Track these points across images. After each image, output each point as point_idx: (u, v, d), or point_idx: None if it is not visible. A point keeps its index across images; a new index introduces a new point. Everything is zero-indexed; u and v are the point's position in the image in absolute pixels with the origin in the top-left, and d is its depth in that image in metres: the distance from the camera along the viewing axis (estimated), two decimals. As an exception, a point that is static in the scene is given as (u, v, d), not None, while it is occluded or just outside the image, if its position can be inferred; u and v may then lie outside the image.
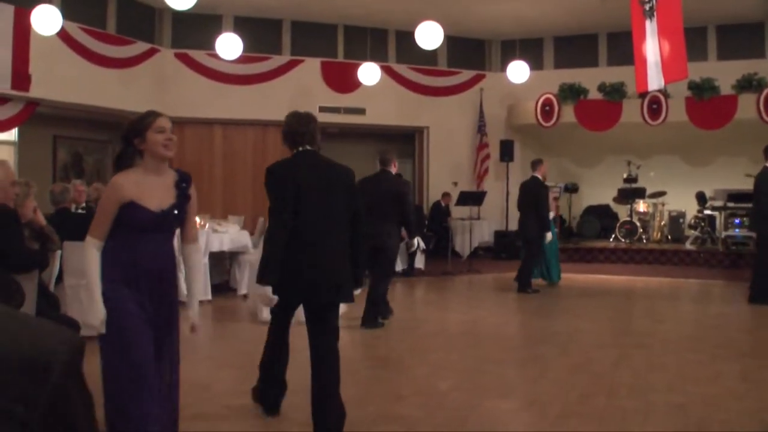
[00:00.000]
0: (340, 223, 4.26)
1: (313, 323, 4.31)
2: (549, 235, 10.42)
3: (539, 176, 10.62)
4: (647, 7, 6.56)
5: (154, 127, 3.48)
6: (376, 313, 7.88)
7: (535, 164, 10.75)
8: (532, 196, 10.46)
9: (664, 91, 14.33)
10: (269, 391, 4.69)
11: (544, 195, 10.55)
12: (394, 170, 8.16)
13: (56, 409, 0.89)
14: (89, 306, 3.37)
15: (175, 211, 3.52)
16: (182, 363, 3.67)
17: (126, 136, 3.56)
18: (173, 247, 3.66)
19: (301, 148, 4.39)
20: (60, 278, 6.66)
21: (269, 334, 4.75)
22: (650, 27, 6.61)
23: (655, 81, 6.69)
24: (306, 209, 4.17)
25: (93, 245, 3.41)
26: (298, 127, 4.40)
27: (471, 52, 16.99)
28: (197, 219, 6.99)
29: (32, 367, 0.88)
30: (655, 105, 14.72)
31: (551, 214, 11.03)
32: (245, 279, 9.97)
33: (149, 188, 3.48)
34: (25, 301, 4.53)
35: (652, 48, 6.62)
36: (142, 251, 3.43)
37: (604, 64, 16.24)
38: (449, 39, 14.79)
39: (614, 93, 15.02)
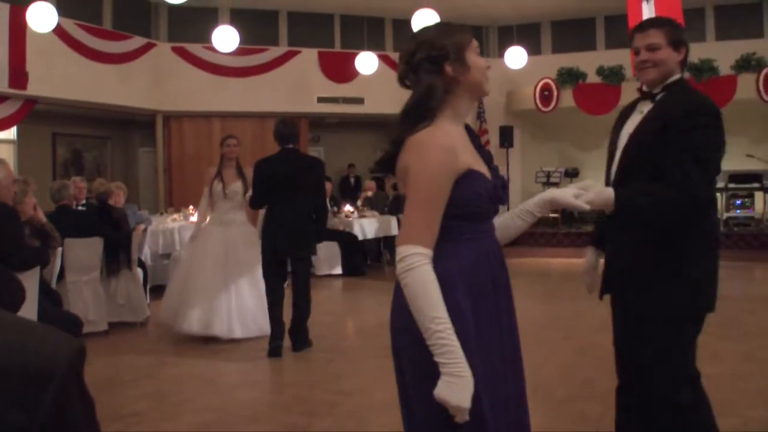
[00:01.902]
0: (306, 199, 6.15)
1: (292, 269, 6.27)
2: None
3: None
4: (644, -11, 6.56)
5: (474, 46, 2.20)
6: None
7: None
8: None
9: (662, 73, 14.30)
10: (274, 330, 6.13)
11: None
12: None
13: (58, 416, 0.89)
14: (453, 379, 1.85)
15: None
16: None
17: (432, 58, 2.13)
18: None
19: (286, 146, 6.27)
20: (61, 275, 6.66)
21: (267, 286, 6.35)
22: (648, 9, 6.59)
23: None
24: (280, 190, 6.10)
25: (425, 261, 1.94)
26: (284, 130, 6.29)
27: (468, 39, 16.93)
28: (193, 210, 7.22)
29: (34, 375, 0.88)
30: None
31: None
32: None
33: (470, 148, 2.20)
34: (26, 298, 4.54)
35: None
36: (487, 250, 2.16)
37: (602, 47, 16.19)
38: (446, 26, 14.74)
39: (613, 76, 14.97)
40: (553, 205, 2.45)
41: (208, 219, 7.21)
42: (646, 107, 2.98)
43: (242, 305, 6.75)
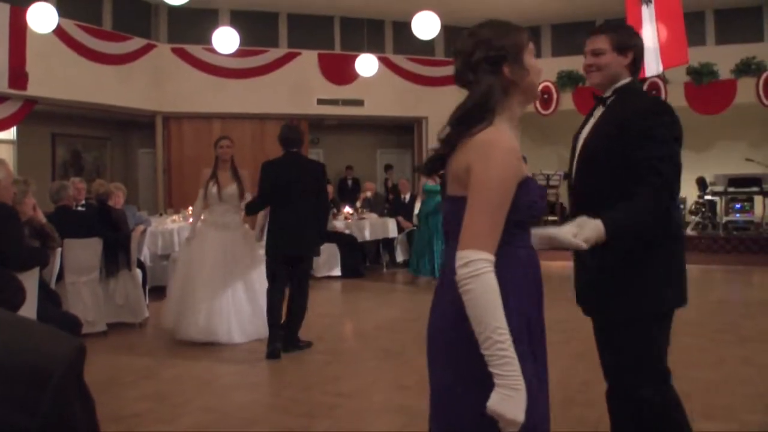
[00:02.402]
0: (309, 201, 6.28)
1: (292, 269, 6.41)
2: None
3: None
4: (643, -8, 6.55)
5: (530, 49, 2.13)
6: None
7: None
8: None
9: (662, 77, 14.30)
10: (272, 332, 6.17)
11: None
12: None
13: (58, 416, 0.88)
14: (509, 392, 1.80)
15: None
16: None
17: (490, 59, 2.07)
18: None
19: (291, 150, 6.45)
20: (61, 275, 6.66)
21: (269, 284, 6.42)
22: (648, 12, 6.59)
23: (653, 67, 6.67)
24: (284, 192, 6.27)
25: (490, 267, 1.87)
26: (290, 135, 6.47)
27: (468, 42, 16.92)
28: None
29: (33, 375, 0.88)
30: (654, 91, 14.67)
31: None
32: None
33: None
34: (26, 299, 4.54)
35: (650, 34, 6.59)
36: (537, 258, 2.15)
37: (602, 50, 16.18)
38: (446, 28, 14.71)
39: (612, 80, 14.98)
40: (551, 243, 2.45)
41: (202, 219, 7.14)
42: (598, 112, 3.05)
43: (240, 309, 6.74)
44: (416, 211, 11.26)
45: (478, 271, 1.85)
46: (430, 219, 10.19)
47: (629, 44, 2.99)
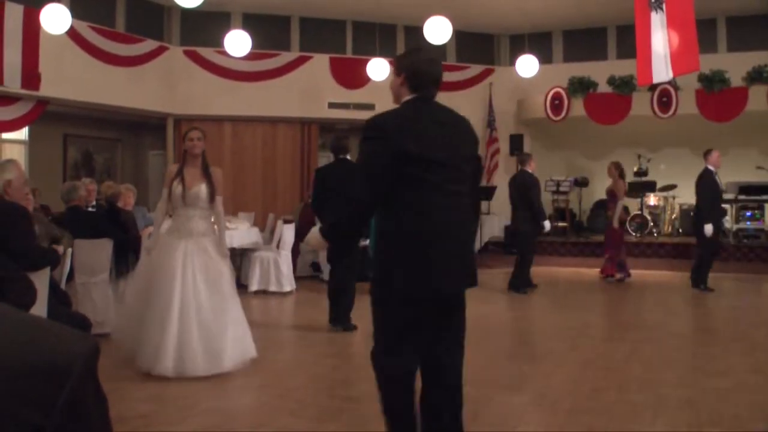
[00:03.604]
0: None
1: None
2: (547, 225, 10.48)
3: (529, 170, 10.59)
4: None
5: None
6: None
7: (525, 159, 10.74)
8: (523, 190, 10.45)
9: (673, 84, 14.27)
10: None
11: (537, 187, 10.56)
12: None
13: (73, 414, 0.90)
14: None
15: None
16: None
17: None
18: None
19: (339, 156, 7.20)
20: (71, 276, 6.69)
21: None
22: (658, 19, 6.57)
23: (662, 73, 6.65)
24: (332, 192, 6.78)
25: None
26: (337, 143, 7.39)
27: (480, 47, 16.94)
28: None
29: (50, 373, 0.89)
30: (665, 98, 14.65)
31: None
32: (256, 275, 10.00)
33: None
34: (37, 298, 4.56)
35: (661, 40, 6.58)
36: None
37: (613, 57, 16.16)
38: (458, 33, 14.75)
39: (624, 86, 14.96)
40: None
41: (165, 227, 6.06)
42: None
43: (219, 333, 5.58)
44: None
45: None
46: None
47: (399, 66, 3.51)
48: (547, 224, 10.42)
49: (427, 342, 3.36)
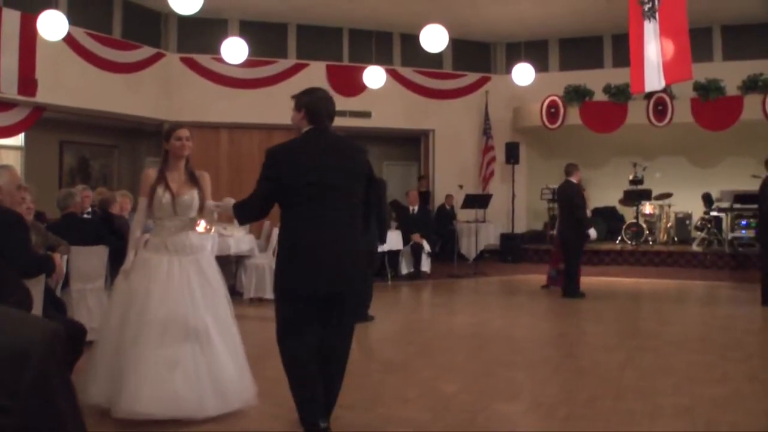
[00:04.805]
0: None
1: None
2: (593, 233, 10.53)
3: (574, 180, 10.62)
4: (646, 7, 6.55)
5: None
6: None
7: (570, 169, 10.74)
8: (567, 199, 10.52)
9: (669, 92, 14.31)
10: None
11: (581, 195, 10.59)
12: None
13: (38, 396, 0.90)
14: None
15: None
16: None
17: None
18: None
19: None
20: (66, 283, 6.67)
21: None
22: (651, 27, 6.58)
23: (655, 81, 6.65)
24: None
25: None
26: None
27: (476, 55, 16.99)
28: (203, 222, 6.41)
29: (12, 357, 0.89)
30: (660, 106, 14.69)
31: None
32: (252, 283, 9.98)
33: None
34: (33, 305, 4.54)
35: (654, 48, 6.59)
36: None
37: (609, 65, 16.22)
38: (454, 42, 14.77)
39: (620, 94, 15.00)
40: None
41: (145, 243, 4.97)
42: None
43: (214, 368, 4.66)
44: None
45: None
46: None
47: (299, 103, 4.26)
48: (592, 232, 10.46)
49: (318, 328, 4.20)
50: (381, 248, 12.09)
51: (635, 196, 15.33)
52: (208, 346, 4.64)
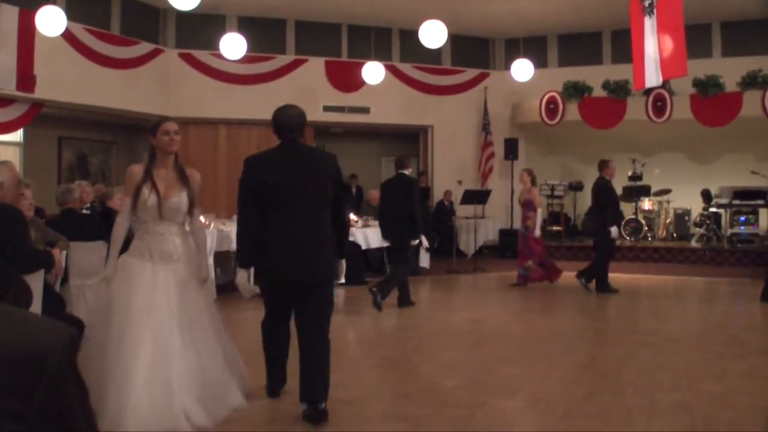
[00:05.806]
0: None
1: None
2: (614, 230, 10.50)
3: (606, 176, 10.56)
4: (646, 3, 6.56)
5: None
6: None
7: (602, 165, 10.68)
8: (596, 195, 10.54)
9: (668, 89, 14.31)
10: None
11: (608, 193, 10.55)
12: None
13: (53, 402, 0.90)
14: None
15: None
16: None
17: None
18: None
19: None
20: (65, 278, 6.67)
21: None
22: (650, 23, 6.60)
23: (653, 78, 6.67)
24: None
25: None
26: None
27: (475, 51, 16.97)
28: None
29: (29, 362, 0.89)
30: (659, 102, 14.68)
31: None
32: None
33: None
34: (32, 301, 4.55)
35: (651, 45, 6.60)
36: None
37: (608, 61, 16.20)
38: (453, 38, 14.77)
39: (618, 90, 14.99)
40: None
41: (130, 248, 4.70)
42: None
43: (204, 377, 4.44)
44: None
45: None
46: None
47: (274, 119, 4.87)
48: (613, 230, 10.40)
49: (294, 312, 4.70)
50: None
51: (634, 192, 15.33)
52: (190, 356, 4.35)
